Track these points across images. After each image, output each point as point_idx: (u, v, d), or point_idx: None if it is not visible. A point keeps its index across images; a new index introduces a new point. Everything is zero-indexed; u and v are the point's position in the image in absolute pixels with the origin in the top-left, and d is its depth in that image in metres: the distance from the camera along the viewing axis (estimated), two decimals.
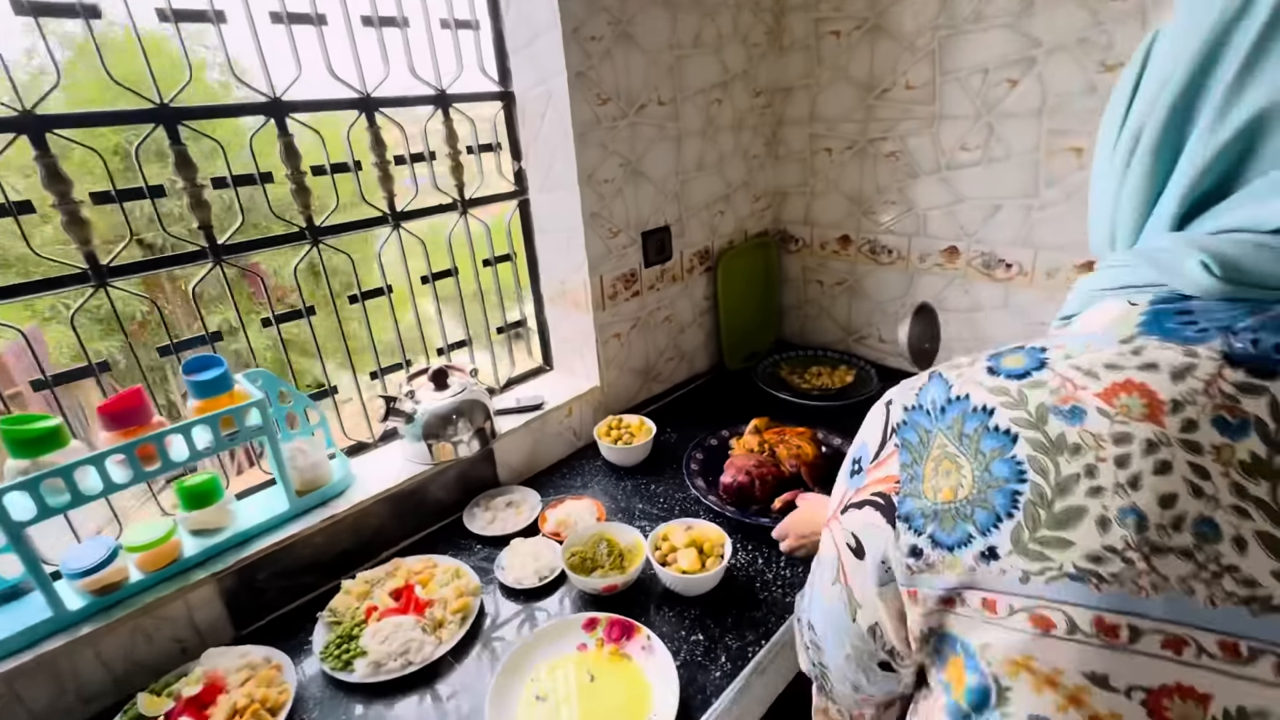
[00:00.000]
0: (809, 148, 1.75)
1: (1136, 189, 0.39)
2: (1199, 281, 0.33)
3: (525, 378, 1.61)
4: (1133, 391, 0.33)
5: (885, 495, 0.40)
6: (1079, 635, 0.32)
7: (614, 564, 1.08)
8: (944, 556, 0.36)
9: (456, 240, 1.39)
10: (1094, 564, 0.32)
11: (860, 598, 0.44)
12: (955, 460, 0.37)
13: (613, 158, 1.39)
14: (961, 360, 0.42)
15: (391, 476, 1.21)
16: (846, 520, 0.44)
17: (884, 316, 1.77)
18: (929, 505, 0.37)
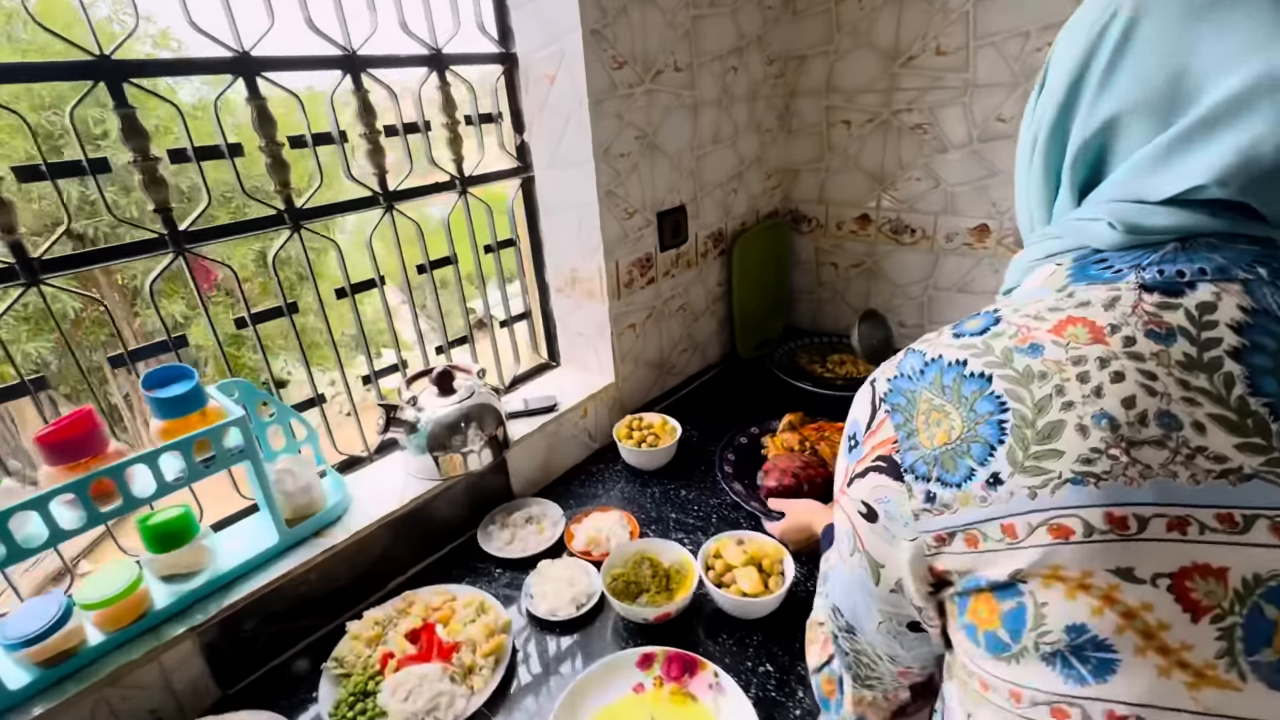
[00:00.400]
0: (825, 120, 1.64)
1: (1039, 179, 0.49)
2: (1107, 238, 0.42)
3: (530, 376, 1.46)
4: (1076, 324, 0.40)
5: (886, 457, 0.44)
6: (1096, 535, 0.35)
7: (659, 586, 0.96)
8: (954, 494, 0.40)
9: (455, 224, 1.22)
10: (1087, 465, 0.36)
11: (880, 558, 0.47)
12: (942, 410, 0.41)
13: (629, 129, 1.25)
14: (929, 335, 0.47)
15: (393, 496, 1.06)
16: (854, 491, 0.47)
17: (905, 300, 1.68)
18: (929, 453, 0.42)
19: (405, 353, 1.25)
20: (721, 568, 0.95)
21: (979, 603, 0.41)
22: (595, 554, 1.06)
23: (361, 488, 1.09)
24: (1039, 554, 0.37)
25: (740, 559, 0.94)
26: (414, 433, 1.07)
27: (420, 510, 1.07)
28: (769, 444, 1.30)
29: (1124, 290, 0.40)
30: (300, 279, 6.04)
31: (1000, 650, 0.40)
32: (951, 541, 0.41)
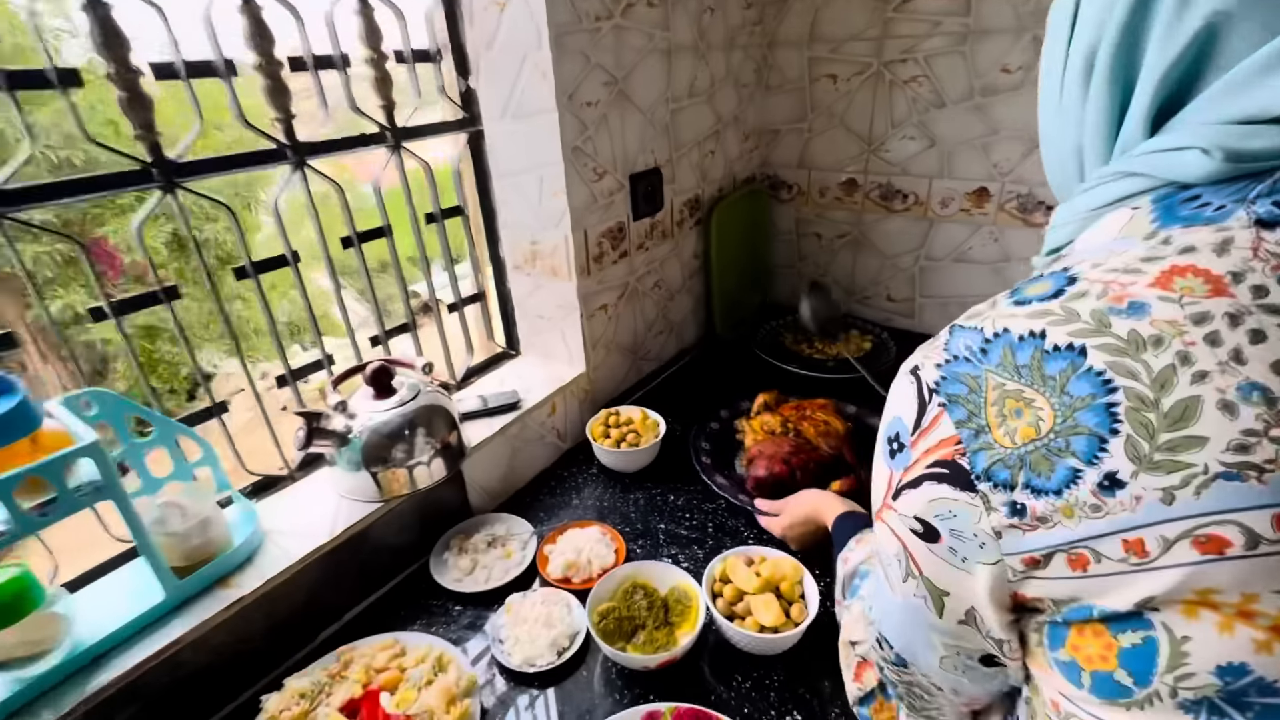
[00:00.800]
0: (807, 74, 1.48)
1: (1101, 113, 0.40)
2: (1199, 169, 0.34)
3: (486, 368, 1.26)
4: (1185, 274, 0.32)
5: (948, 462, 0.36)
6: (1264, 546, 0.28)
7: (657, 620, 0.79)
8: (1053, 504, 0.32)
9: (389, 188, 1.00)
10: (1242, 454, 0.28)
11: (944, 584, 0.39)
12: (1020, 396, 0.33)
13: (596, 73, 1.05)
14: (979, 308, 0.39)
15: (322, 524, 0.85)
16: (903, 505, 0.39)
17: (895, 273, 1.56)
18: (1010, 452, 0.34)
19: (333, 343, 1.02)
20: (732, 595, 0.79)
21: (1085, 636, 0.34)
22: (576, 581, 0.89)
23: (280, 516, 0.87)
24: (1181, 575, 0.30)
25: (753, 583, 0.79)
26: (345, 445, 0.86)
27: (357, 540, 0.87)
28: (744, 428, 1.17)
29: (1235, 230, 0.32)
30: (222, 262, 5.54)
31: (1117, 695, 0.33)
32: (1048, 564, 0.34)
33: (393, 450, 0.88)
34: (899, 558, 0.41)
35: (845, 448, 1.08)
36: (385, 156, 0.98)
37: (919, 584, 0.41)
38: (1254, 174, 0.34)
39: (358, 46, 0.89)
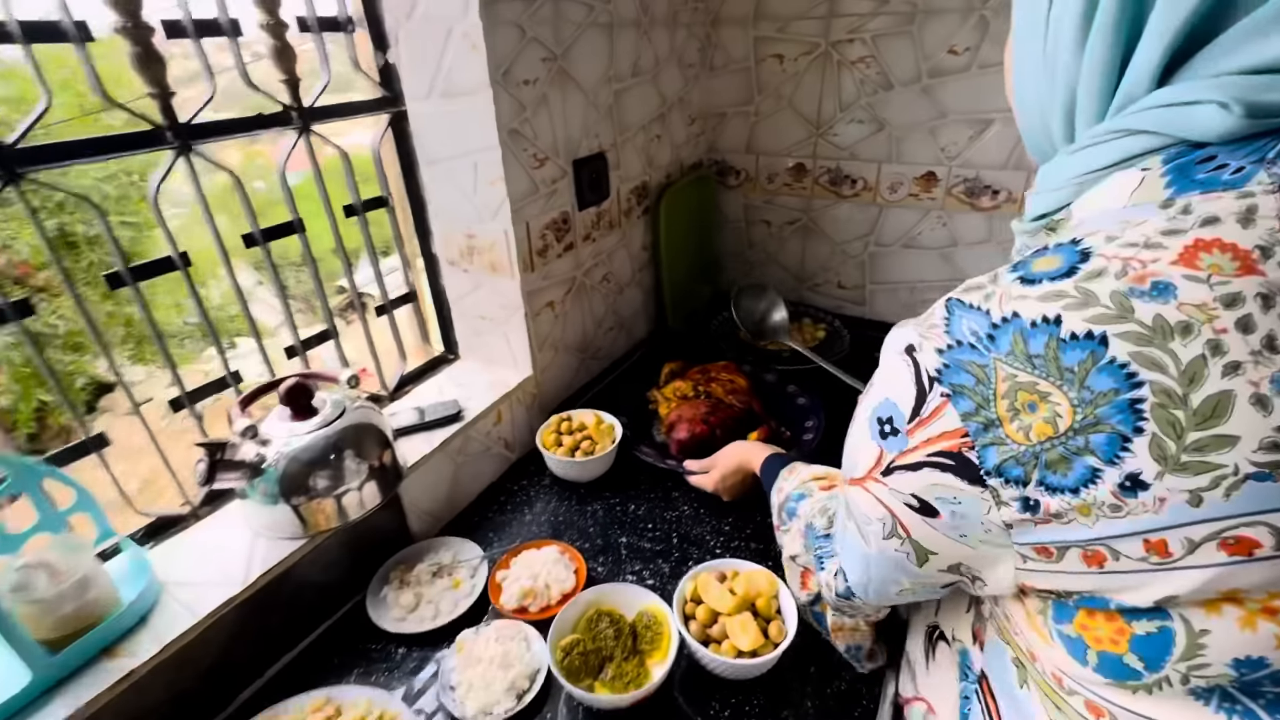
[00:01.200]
0: (753, 54, 1.42)
1: (1100, 65, 0.36)
2: (1216, 126, 0.31)
3: (421, 375, 1.15)
4: (1211, 249, 0.30)
5: (953, 454, 0.34)
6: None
7: (625, 650, 0.73)
8: (1069, 502, 0.31)
9: (300, 175, 0.87)
10: (1274, 453, 0.27)
11: (934, 547, 0.40)
12: (1034, 389, 0.31)
13: (533, 47, 0.95)
14: (978, 281, 0.38)
15: (234, 569, 0.74)
16: (897, 482, 0.39)
17: (845, 259, 1.53)
18: (1023, 449, 0.32)
19: (248, 348, 0.89)
20: (705, 616, 0.73)
21: (1095, 619, 0.34)
22: (534, 610, 0.81)
23: (181, 564, 0.75)
24: (1206, 576, 0.29)
25: (728, 603, 0.73)
26: (259, 476, 0.75)
27: (277, 584, 0.76)
28: (656, 397, 1.20)
29: (1259, 195, 0.30)
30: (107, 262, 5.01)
31: (1124, 677, 0.33)
32: (1061, 557, 0.33)
33: (316, 478, 0.77)
34: (883, 521, 0.41)
35: (753, 401, 1.15)
36: (292, 140, 0.85)
37: (904, 543, 0.41)
38: (1271, 130, 0.31)
39: (251, 10, 0.76)
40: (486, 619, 0.81)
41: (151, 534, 0.79)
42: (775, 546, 0.88)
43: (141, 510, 0.78)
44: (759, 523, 0.95)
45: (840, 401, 1.21)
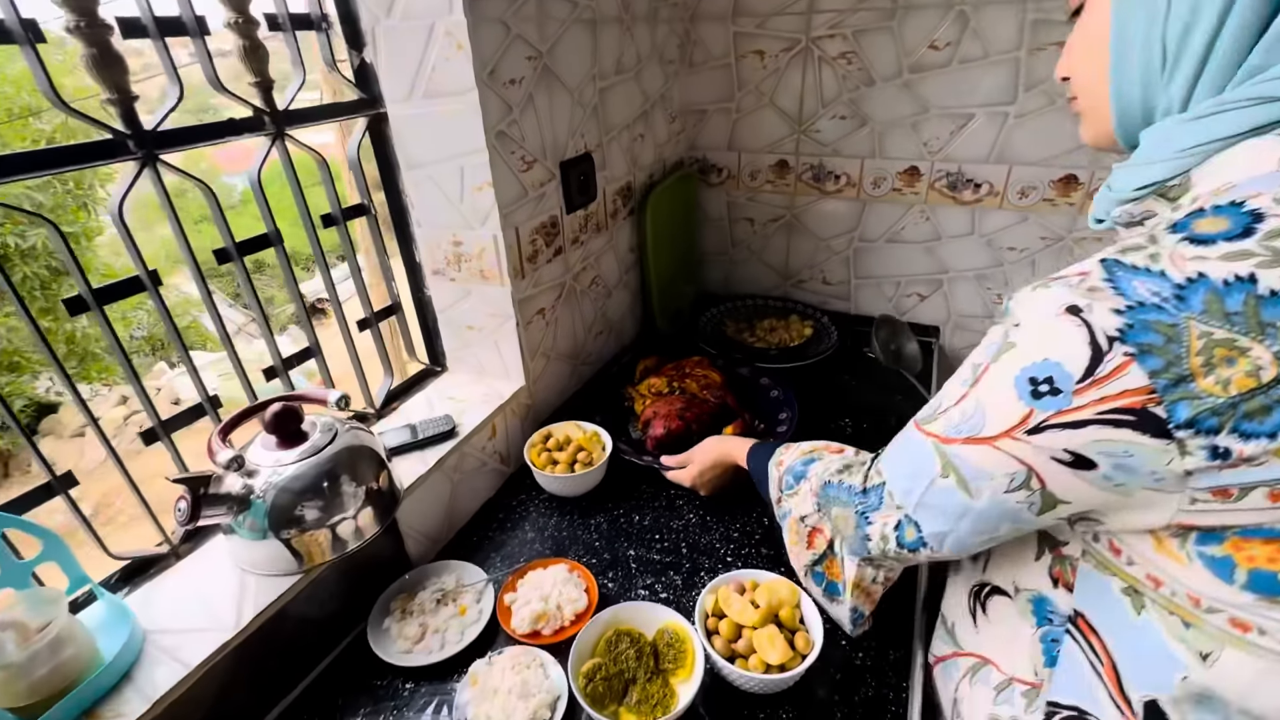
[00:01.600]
0: (733, 51, 1.40)
1: (1244, 26, 0.38)
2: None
3: (408, 389, 1.10)
4: None
5: (1136, 409, 0.36)
6: None
7: (648, 670, 0.70)
8: (1265, 446, 0.33)
9: (271, 183, 0.82)
10: None
11: (1068, 496, 0.42)
12: (1233, 345, 0.33)
13: (518, 46, 0.91)
14: (1134, 242, 0.39)
15: (224, 612, 0.68)
16: (1046, 440, 0.40)
17: (829, 255, 1.54)
18: (1220, 401, 0.34)
19: (214, 376, 0.83)
20: (729, 631, 0.71)
21: (1253, 543, 0.36)
22: (547, 633, 0.78)
23: (165, 610, 0.69)
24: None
25: (752, 616, 0.71)
26: (246, 510, 0.70)
27: (273, 625, 0.71)
28: (632, 394, 1.21)
29: None
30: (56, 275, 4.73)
31: (1277, 592, 0.36)
32: (1244, 496, 0.35)
33: (308, 509, 0.72)
34: (1011, 476, 0.43)
35: (728, 395, 1.16)
36: (263, 146, 0.79)
37: (1032, 494, 0.43)
38: None
39: (218, 7, 0.70)
40: (498, 646, 0.77)
41: (127, 578, 0.73)
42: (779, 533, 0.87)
43: (115, 555, 0.72)
44: (769, 527, 0.94)
45: (813, 394, 1.23)
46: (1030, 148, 1.24)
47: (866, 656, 0.75)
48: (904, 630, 0.77)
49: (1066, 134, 1.19)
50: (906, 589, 0.82)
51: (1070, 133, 1.19)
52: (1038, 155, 1.24)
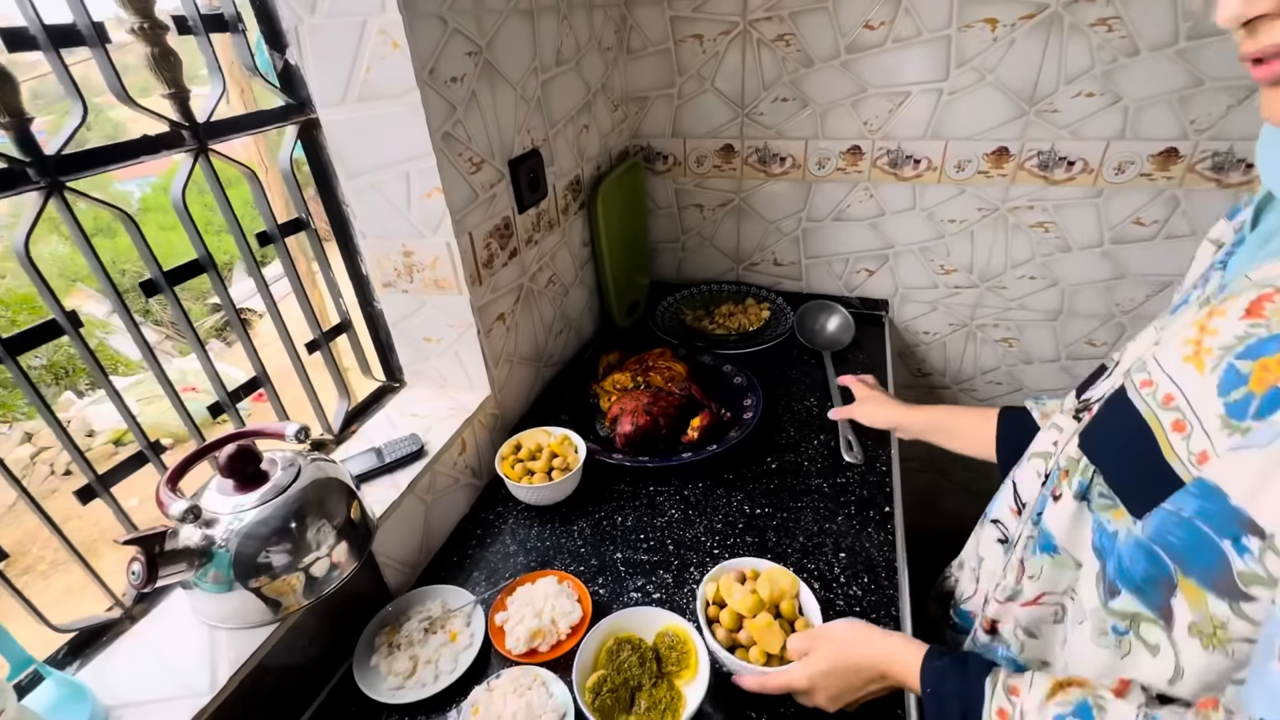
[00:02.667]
0: (671, 36, 1.38)
1: None
2: None
3: (366, 409, 1.04)
4: None
5: None
6: None
7: (652, 676, 0.70)
8: None
9: (196, 204, 0.75)
10: None
11: None
12: None
13: (456, 40, 0.86)
14: None
15: (194, 674, 0.63)
16: None
17: (779, 236, 1.55)
18: None
19: (133, 401, 0.76)
20: (730, 621, 0.72)
21: None
22: (544, 650, 0.76)
23: (125, 680, 0.63)
24: None
25: (749, 603, 0.72)
26: (208, 562, 0.64)
27: (251, 682, 0.66)
28: (597, 391, 1.21)
29: None
30: None
31: None
32: None
33: (278, 553, 0.67)
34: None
35: (693, 386, 1.16)
36: (185, 162, 0.72)
37: None
38: None
39: (119, 11, 0.63)
40: (495, 670, 0.75)
41: (76, 650, 0.66)
42: (776, 539, 0.89)
43: (60, 625, 0.65)
44: (751, 515, 0.95)
45: (776, 377, 1.27)
46: (963, 123, 1.28)
47: None
48: (896, 619, 0.80)
49: (996, 108, 1.24)
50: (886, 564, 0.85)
51: (1000, 106, 1.24)
52: (971, 130, 1.28)
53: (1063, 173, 1.27)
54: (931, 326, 1.56)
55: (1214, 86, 1.12)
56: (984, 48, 1.20)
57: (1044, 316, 1.46)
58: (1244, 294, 0.42)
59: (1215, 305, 0.44)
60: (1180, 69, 1.12)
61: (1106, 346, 1.44)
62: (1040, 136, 1.25)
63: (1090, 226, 1.31)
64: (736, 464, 1.05)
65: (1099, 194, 1.27)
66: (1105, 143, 1.22)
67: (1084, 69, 1.17)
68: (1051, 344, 1.49)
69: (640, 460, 1.02)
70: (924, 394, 1.67)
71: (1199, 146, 1.17)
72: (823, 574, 0.85)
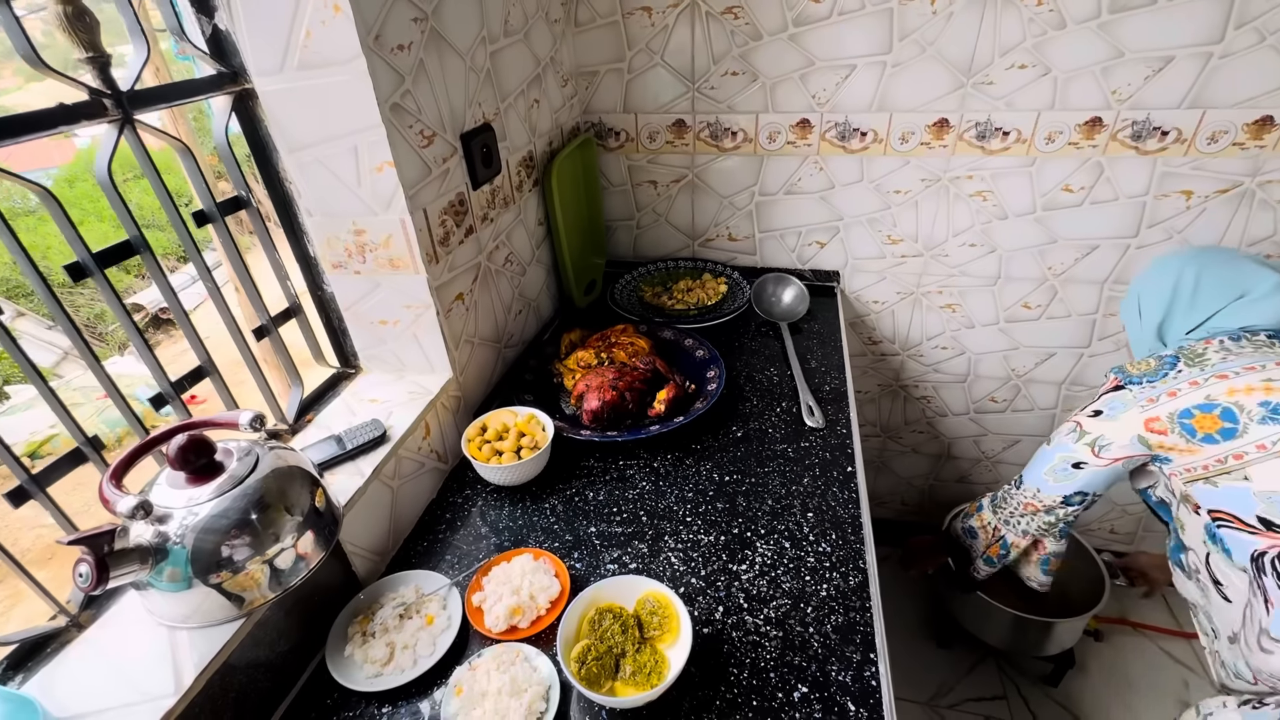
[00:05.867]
0: (620, 8, 1.36)
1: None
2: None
3: (322, 397, 1.00)
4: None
5: None
6: None
7: (634, 642, 0.71)
8: None
9: (125, 180, 0.69)
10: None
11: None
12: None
13: (402, 6, 0.82)
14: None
15: (156, 679, 0.60)
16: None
17: (733, 211, 1.57)
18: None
19: (44, 411, 0.71)
20: None
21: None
22: (524, 626, 0.76)
23: (78, 691, 0.59)
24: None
25: None
26: (163, 560, 0.61)
27: (219, 683, 0.63)
28: (560, 370, 1.21)
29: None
30: None
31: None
32: None
33: (239, 547, 0.64)
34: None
35: (657, 361, 1.16)
36: (110, 134, 0.67)
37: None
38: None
39: None
40: (476, 650, 0.74)
41: (18, 664, 0.62)
42: (746, 503, 0.91)
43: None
44: (720, 483, 0.97)
45: (736, 348, 1.31)
46: (907, 95, 1.32)
47: (819, 630, 0.80)
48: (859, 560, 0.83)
49: (937, 81, 1.29)
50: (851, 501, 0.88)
51: (940, 79, 1.28)
52: (913, 102, 1.32)
53: (998, 143, 1.33)
54: (880, 295, 1.61)
55: (1133, 58, 1.19)
56: (924, 21, 1.24)
57: (984, 282, 1.53)
58: None
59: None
60: (1103, 41, 1.18)
61: (1041, 309, 1.53)
62: (978, 108, 1.30)
63: (1024, 194, 1.38)
64: (703, 434, 1.07)
65: (1032, 163, 1.34)
66: (1037, 113, 1.28)
67: (1017, 41, 1.22)
68: (991, 308, 1.57)
69: (609, 435, 1.02)
70: (875, 361, 1.73)
71: (1120, 115, 1.25)
72: (793, 534, 0.87)
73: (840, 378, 1.20)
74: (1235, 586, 0.83)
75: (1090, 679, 1.65)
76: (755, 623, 0.76)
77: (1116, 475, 1.00)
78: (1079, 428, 1.02)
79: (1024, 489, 1.12)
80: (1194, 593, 0.93)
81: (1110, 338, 1.54)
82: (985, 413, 1.76)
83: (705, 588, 0.81)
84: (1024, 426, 1.75)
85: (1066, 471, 1.03)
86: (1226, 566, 0.83)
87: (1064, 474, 1.04)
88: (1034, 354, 1.61)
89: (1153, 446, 0.92)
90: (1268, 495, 0.78)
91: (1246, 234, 1.33)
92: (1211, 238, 1.35)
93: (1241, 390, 0.84)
